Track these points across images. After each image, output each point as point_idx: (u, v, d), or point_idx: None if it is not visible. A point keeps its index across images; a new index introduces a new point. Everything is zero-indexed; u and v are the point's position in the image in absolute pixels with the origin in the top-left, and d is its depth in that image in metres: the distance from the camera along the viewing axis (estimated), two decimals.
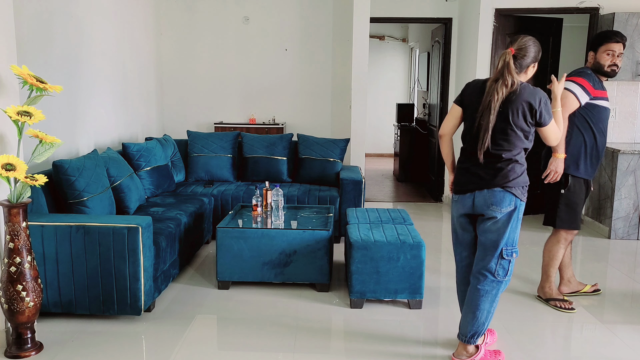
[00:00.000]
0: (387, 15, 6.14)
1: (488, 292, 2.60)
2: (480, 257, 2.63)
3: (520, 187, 2.55)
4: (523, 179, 2.56)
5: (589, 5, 5.29)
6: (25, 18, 3.41)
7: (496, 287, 2.61)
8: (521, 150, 2.56)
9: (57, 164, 3.28)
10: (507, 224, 2.54)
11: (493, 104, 2.46)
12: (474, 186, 2.59)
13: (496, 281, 2.59)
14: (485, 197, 2.55)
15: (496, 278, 2.58)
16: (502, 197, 2.53)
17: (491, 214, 2.55)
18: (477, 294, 2.61)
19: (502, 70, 2.48)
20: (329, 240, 3.56)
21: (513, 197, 2.53)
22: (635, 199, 4.94)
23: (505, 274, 2.59)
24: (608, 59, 3.25)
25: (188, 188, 4.86)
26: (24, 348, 2.73)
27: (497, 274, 2.58)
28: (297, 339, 2.97)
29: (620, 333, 3.11)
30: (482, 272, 2.61)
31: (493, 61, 5.43)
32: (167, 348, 2.86)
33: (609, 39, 3.26)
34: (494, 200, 2.53)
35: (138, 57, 5.47)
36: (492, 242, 2.57)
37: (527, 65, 2.54)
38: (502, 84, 2.46)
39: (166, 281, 3.48)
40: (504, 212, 2.53)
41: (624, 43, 3.27)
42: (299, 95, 6.38)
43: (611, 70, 3.28)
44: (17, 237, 2.64)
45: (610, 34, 3.29)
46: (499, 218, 2.54)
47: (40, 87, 2.68)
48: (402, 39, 10.54)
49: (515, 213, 2.55)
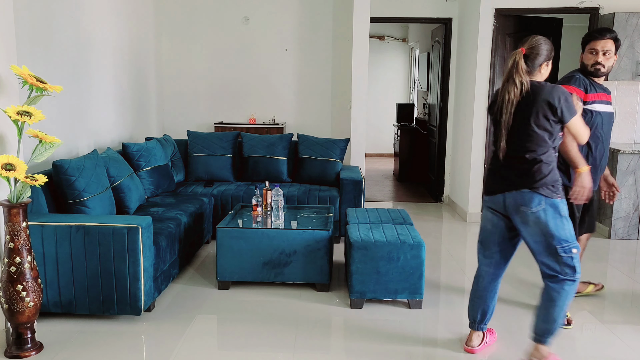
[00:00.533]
0: (387, 15, 6.14)
1: (560, 291, 2.56)
2: (540, 261, 2.59)
3: (549, 186, 2.51)
4: (551, 178, 2.51)
5: (589, 5, 5.29)
6: (25, 18, 3.41)
7: (568, 285, 2.56)
8: (547, 149, 2.51)
9: (57, 164, 3.28)
10: (546, 223, 2.50)
11: (505, 104, 2.48)
12: (502, 187, 2.58)
13: (567, 280, 2.55)
14: (515, 198, 2.53)
15: (566, 277, 2.54)
16: (530, 197, 2.50)
17: (523, 215, 2.53)
18: (550, 293, 2.57)
19: (512, 70, 2.48)
20: (329, 240, 3.56)
21: (542, 197, 2.50)
22: (636, 199, 4.93)
23: (574, 270, 2.54)
24: (591, 57, 3.12)
25: (188, 188, 4.86)
26: (24, 348, 2.73)
27: (566, 273, 2.54)
28: (297, 339, 2.97)
29: (621, 333, 3.11)
30: (549, 273, 2.57)
31: (493, 61, 5.43)
32: (167, 348, 2.86)
33: (591, 36, 3.15)
34: (523, 201, 2.52)
35: (138, 57, 5.46)
36: (540, 243, 2.54)
37: (539, 64, 2.52)
38: (512, 84, 2.47)
39: (166, 281, 3.48)
40: (534, 212, 2.50)
41: (612, 39, 3.11)
42: (299, 95, 6.38)
43: (594, 70, 3.11)
44: (17, 237, 2.64)
45: (593, 31, 3.18)
46: (531, 219, 2.52)
47: (40, 87, 2.68)
48: (402, 39, 10.54)
49: (552, 211, 2.50)
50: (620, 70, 5.10)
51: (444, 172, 6.49)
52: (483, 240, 2.78)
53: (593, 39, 3.13)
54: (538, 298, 2.65)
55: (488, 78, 5.47)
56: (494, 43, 5.41)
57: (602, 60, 3.09)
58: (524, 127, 2.49)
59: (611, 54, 3.11)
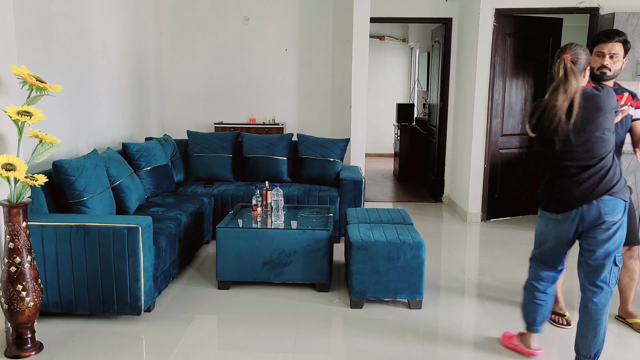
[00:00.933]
0: (387, 15, 6.14)
1: (604, 304, 2.51)
2: (592, 270, 2.52)
3: (625, 188, 2.48)
4: (623, 179, 2.49)
5: (589, 5, 5.29)
6: (25, 18, 3.41)
7: (609, 297, 2.53)
8: (612, 149, 2.48)
9: (57, 164, 3.28)
10: (621, 229, 2.46)
11: (562, 114, 2.40)
12: (579, 201, 2.47)
13: (609, 291, 2.52)
14: (597, 208, 2.44)
15: (610, 287, 2.51)
16: (613, 204, 2.43)
17: (606, 223, 2.45)
18: (596, 309, 2.52)
19: (567, 75, 2.41)
20: (329, 240, 3.56)
21: (622, 202, 2.45)
22: (636, 199, 4.93)
23: (616, 281, 2.52)
24: (598, 60, 3.00)
25: (188, 188, 4.86)
26: (24, 348, 2.73)
27: (610, 283, 2.51)
28: (297, 339, 2.97)
29: (621, 333, 3.11)
30: (598, 284, 2.51)
31: (493, 61, 5.43)
32: (167, 348, 2.86)
33: (598, 38, 3.05)
34: (607, 210, 2.43)
35: (138, 57, 5.46)
36: (608, 252, 2.48)
37: (580, 71, 2.48)
38: (564, 90, 2.40)
39: (166, 281, 3.48)
40: (616, 219, 2.45)
41: (621, 41, 2.97)
42: (299, 95, 6.38)
43: (600, 74, 2.98)
44: (17, 237, 2.64)
45: (600, 33, 3.05)
46: (611, 227, 2.45)
47: (40, 87, 2.68)
48: (402, 39, 10.54)
49: (624, 216, 2.48)
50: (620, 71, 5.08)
51: (444, 172, 6.49)
52: (546, 259, 2.68)
53: (600, 42, 3.00)
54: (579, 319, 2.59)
55: (488, 78, 5.46)
56: (494, 43, 5.41)
57: (608, 63, 2.96)
58: (587, 134, 2.42)
59: (619, 57, 2.97)
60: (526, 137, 5.77)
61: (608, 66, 2.96)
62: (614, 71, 2.98)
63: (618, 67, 2.99)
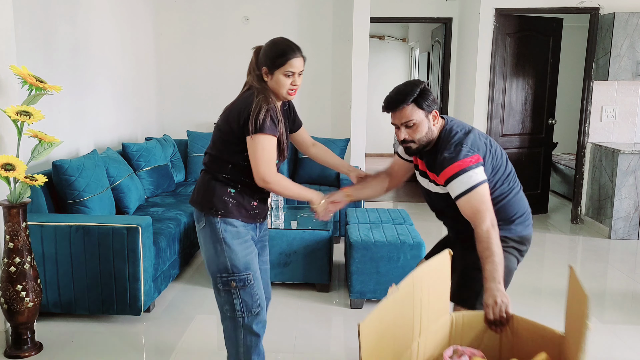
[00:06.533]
0: (387, 15, 6.14)
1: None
2: None
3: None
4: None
5: (589, 5, 5.29)
6: (25, 18, 3.41)
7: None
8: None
9: (57, 164, 3.27)
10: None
11: None
12: None
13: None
14: None
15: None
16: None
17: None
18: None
19: None
20: (329, 241, 3.56)
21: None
22: (636, 199, 4.93)
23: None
24: (397, 133, 2.14)
25: (188, 188, 4.85)
26: (24, 348, 2.73)
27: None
28: (297, 339, 2.96)
29: (621, 333, 3.11)
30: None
31: (493, 61, 5.43)
32: (167, 348, 2.86)
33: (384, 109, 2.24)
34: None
35: (138, 57, 5.46)
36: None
37: None
38: None
39: (166, 281, 3.48)
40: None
41: (409, 104, 2.07)
42: (299, 95, 6.35)
43: (406, 148, 2.20)
44: (17, 237, 2.63)
45: (383, 104, 2.27)
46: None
47: (39, 87, 2.68)
48: (402, 38, 10.53)
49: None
50: (620, 70, 5.09)
51: None
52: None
53: (388, 112, 2.21)
54: None
55: (488, 78, 5.46)
56: (494, 43, 5.41)
57: (406, 135, 2.14)
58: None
59: (417, 121, 2.09)
60: (526, 137, 5.77)
61: (407, 138, 2.13)
62: (418, 139, 2.10)
63: (423, 133, 2.08)
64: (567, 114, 6.96)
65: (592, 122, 5.42)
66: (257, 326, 2.17)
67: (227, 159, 2.08)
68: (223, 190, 2.07)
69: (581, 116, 5.47)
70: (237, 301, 2.10)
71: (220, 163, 2.09)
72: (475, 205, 1.94)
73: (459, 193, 1.97)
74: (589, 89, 5.39)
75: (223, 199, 2.07)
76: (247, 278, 2.09)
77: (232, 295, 2.10)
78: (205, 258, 2.15)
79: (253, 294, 2.12)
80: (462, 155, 1.98)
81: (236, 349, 2.19)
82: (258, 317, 2.16)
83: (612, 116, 5.39)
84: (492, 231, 1.91)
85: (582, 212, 5.58)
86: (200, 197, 2.12)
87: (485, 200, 1.95)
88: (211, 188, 2.08)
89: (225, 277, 2.08)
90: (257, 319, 2.15)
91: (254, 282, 2.12)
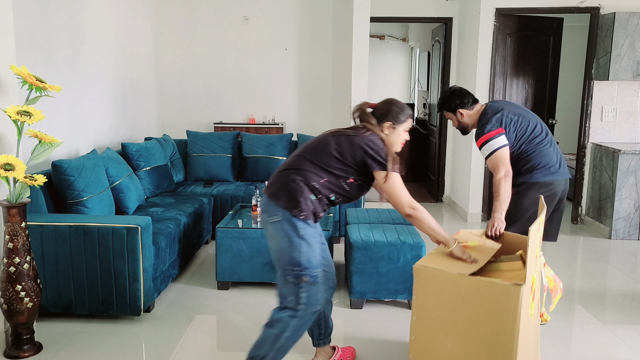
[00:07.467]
0: (387, 14, 6.13)
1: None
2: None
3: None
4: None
5: (590, 4, 5.28)
6: (26, 18, 3.41)
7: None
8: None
9: (57, 164, 3.27)
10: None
11: None
12: None
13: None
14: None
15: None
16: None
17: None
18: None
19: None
20: (329, 241, 3.55)
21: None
22: (636, 199, 4.93)
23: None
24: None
25: (187, 188, 4.85)
26: (23, 348, 2.72)
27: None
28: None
29: (621, 333, 3.10)
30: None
31: (493, 61, 5.42)
32: (167, 348, 2.85)
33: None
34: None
35: (138, 57, 5.46)
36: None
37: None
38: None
39: (165, 281, 3.47)
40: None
41: (443, 110, 3.21)
42: (299, 95, 6.37)
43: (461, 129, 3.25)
44: (16, 237, 2.63)
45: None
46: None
47: (39, 87, 2.67)
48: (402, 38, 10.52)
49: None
50: (620, 70, 5.09)
51: (444, 172, 6.48)
52: None
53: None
54: None
55: (488, 78, 5.46)
56: (494, 43, 5.40)
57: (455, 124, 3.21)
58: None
59: (454, 119, 3.17)
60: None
61: (455, 127, 3.25)
62: (458, 127, 3.22)
63: (456, 124, 3.20)
64: (568, 114, 6.95)
65: (592, 122, 5.41)
66: (306, 326, 2.32)
67: (331, 172, 2.29)
68: (309, 194, 2.28)
69: (581, 116, 5.46)
70: (303, 295, 2.26)
71: (319, 173, 2.29)
72: (495, 162, 2.86)
73: (486, 156, 2.93)
74: (589, 89, 5.39)
75: (307, 202, 2.27)
76: (318, 275, 2.28)
77: (301, 288, 2.25)
78: (276, 249, 2.30)
79: (319, 291, 2.29)
80: (487, 130, 2.93)
81: (277, 338, 2.29)
82: (313, 316, 2.32)
83: (612, 116, 5.39)
84: (502, 180, 2.79)
85: (583, 212, 5.57)
86: (285, 195, 2.27)
87: (501, 159, 2.84)
88: (300, 189, 2.27)
89: (298, 271, 2.24)
90: (313, 317, 2.32)
91: (323, 280, 2.31)
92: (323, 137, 2.38)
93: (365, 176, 2.34)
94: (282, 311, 2.30)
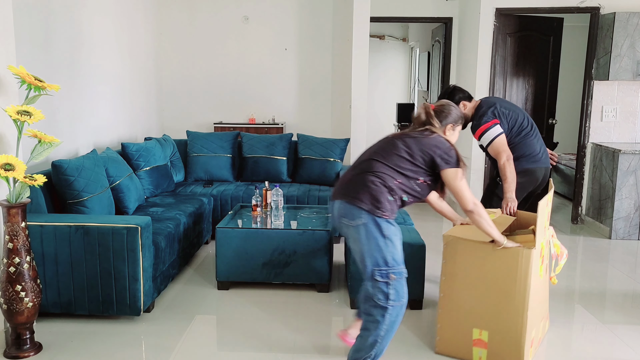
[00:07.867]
0: (387, 14, 6.13)
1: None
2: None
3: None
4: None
5: (590, 4, 5.28)
6: (24, 18, 3.41)
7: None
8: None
9: (56, 164, 3.27)
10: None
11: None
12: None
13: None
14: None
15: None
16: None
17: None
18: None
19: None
20: (329, 240, 3.55)
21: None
22: (636, 199, 4.92)
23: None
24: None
25: (187, 188, 4.85)
26: (23, 349, 2.72)
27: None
28: (297, 340, 2.96)
29: (621, 333, 3.10)
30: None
31: (493, 61, 5.42)
32: (167, 348, 2.85)
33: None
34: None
35: (138, 57, 5.46)
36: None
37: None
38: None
39: (165, 281, 3.47)
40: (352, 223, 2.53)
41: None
42: (299, 95, 6.37)
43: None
44: (16, 237, 2.63)
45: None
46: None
47: (38, 86, 2.67)
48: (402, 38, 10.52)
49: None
50: (620, 70, 5.09)
51: None
52: None
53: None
54: None
55: (488, 78, 5.46)
56: (494, 42, 5.40)
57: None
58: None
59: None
60: None
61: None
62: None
63: (467, 114, 3.48)
64: (568, 113, 6.95)
65: (592, 122, 5.41)
66: (399, 319, 2.43)
67: (403, 173, 2.44)
68: (387, 194, 2.40)
69: (581, 116, 5.46)
70: (392, 291, 2.37)
71: (393, 174, 2.42)
72: (496, 149, 3.27)
73: (486, 144, 3.33)
74: (589, 89, 5.39)
75: (386, 203, 2.39)
76: (403, 271, 2.42)
77: (389, 286, 2.37)
78: (362, 252, 2.40)
79: (404, 285, 2.42)
80: (483, 121, 3.33)
81: (375, 338, 2.40)
82: (402, 308, 2.43)
83: (612, 116, 5.39)
84: (507, 164, 3.20)
85: (583, 212, 5.57)
86: (368, 197, 2.39)
87: (501, 145, 3.26)
88: (380, 191, 2.39)
89: (385, 270, 2.37)
90: (402, 309, 2.43)
91: (406, 273, 2.45)
92: (388, 140, 2.56)
93: (432, 176, 2.48)
94: (373, 311, 2.40)
